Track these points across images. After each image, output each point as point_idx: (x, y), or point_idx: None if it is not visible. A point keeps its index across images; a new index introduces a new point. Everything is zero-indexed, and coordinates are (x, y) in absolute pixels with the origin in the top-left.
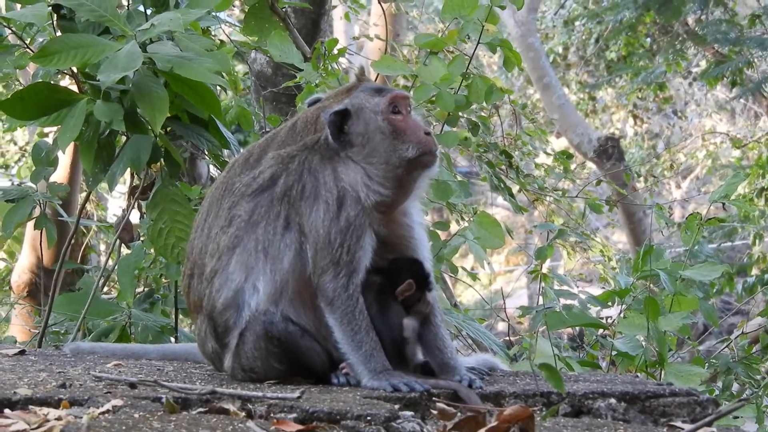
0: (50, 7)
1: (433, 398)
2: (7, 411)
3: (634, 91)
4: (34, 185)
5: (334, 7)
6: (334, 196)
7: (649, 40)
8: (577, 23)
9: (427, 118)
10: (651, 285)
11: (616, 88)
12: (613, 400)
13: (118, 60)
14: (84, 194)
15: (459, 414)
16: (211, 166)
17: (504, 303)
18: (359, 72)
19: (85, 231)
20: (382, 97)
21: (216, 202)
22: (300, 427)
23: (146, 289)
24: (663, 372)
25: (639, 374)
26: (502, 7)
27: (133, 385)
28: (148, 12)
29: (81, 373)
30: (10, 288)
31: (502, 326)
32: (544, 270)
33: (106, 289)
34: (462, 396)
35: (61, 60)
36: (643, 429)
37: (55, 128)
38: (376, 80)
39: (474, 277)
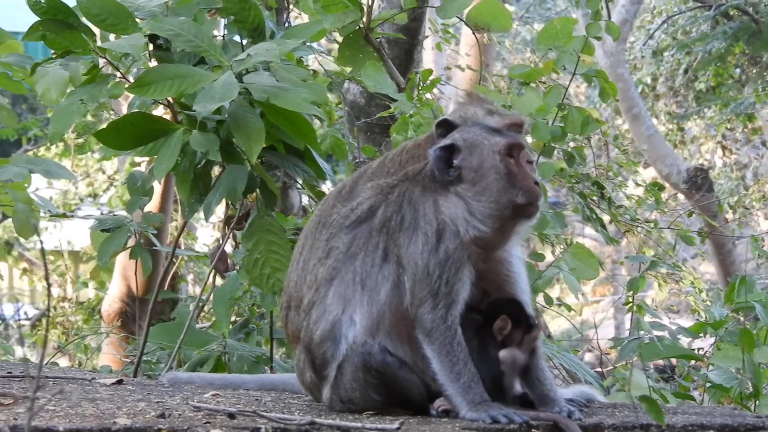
0: (146, 38)
1: (532, 430)
2: None
3: (723, 122)
4: (128, 214)
5: (426, 37)
6: (433, 228)
7: (738, 70)
8: (665, 54)
9: None
10: (743, 317)
11: (705, 119)
12: None
13: (215, 90)
14: (175, 223)
15: None
16: (304, 197)
17: (596, 334)
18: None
19: (174, 260)
20: (503, 138)
21: (311, 235)
22: None
23: (241, 319)
24: (757, 404)
25: (737, 406)
26: (599, 38)
27: (232, 416)
28: (244, 42)
29: (179, 403)
30: (101, 317)
31: (588, 357)
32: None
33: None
34: (562, 427)
35: (157, 90)
36: None
37: (147, 158)
38: None
39: (569, 308)
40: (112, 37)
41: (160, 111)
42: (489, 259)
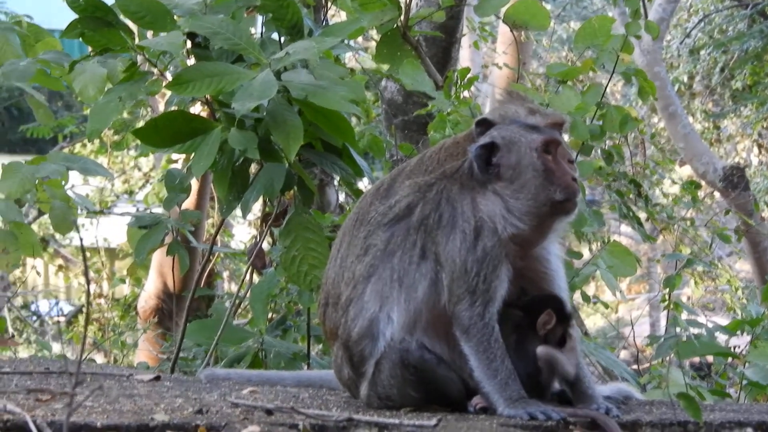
0: (185, 36)
1: (570, 427)
2: None
3: (759, 121)
4: (165, 211)
5: (464, 35)
6: (471, 226)
7: None
8: (702, 52)
9: None
10: None
11: (741, 117)
12: (750, 430)
13: (253, 88)
14: (211, 220)
15: None
16: (341, 194)
17: (633, 331)
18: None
19: (211, 257)
20: (540, 135)
21: (349, 232)
22: None
23: (278, 316)
24: None
25: None
26: (638, 37)
27: (269, 412)
28: (282, 40)
29: (217, 399)
30: (137, 314)
31: (623, 354)
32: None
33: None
34: (600, 424)
35: (195, 88)
36: None
37: (184, 156)
38: None
39: (606, 305)
40: (150, 34)
41: (197, 109)
42: (527, 257)
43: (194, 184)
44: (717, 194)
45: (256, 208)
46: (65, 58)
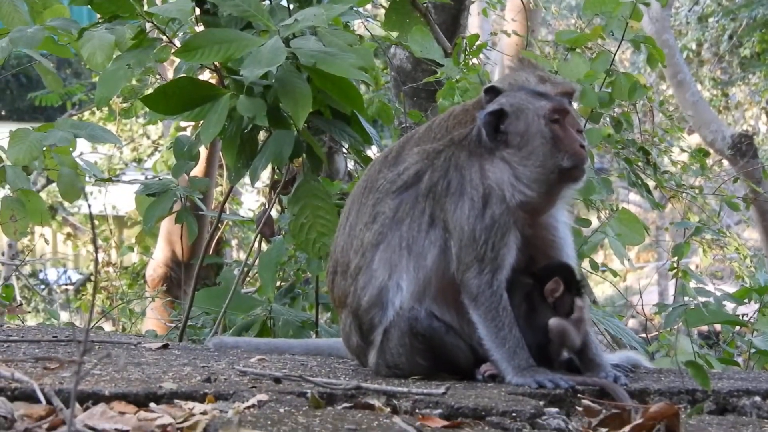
0: (193, 2)
1: (578, 395)
2: (152, 405)
3: (767, 89)
4: (174, 179)
5: (473, 2)
6: (479, 193)
7: None
8: (711, 20)
9: None
10: None
11: (750, 85)
12: (758, 398)
13: (262, 55)
14: (219, 188)
15: (604, 411)
16: (350, 162)
17: (641, 300)
18: (521, 59)
19: (219, 225)
20: (549, 102)
21: (358, 200)
22: (445, 422)
23: (286, 284)
24: None
25: None
26: (647, 4)
27: (278, 380)
28: (291, 7)
29: (225, 368)
30: (145, 282)
31: (632, 323)
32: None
33: (243, 283)
34: (609, 392)
35: (204, 55)
36: None
37: (192, 123)
38: None
39: (615, 273)
40: (158, 1)
41: (206, 76)
42: (535, 224)
43: (203, 151)
44: (725, 162)
45: (265, 175)
46: (74, 25)
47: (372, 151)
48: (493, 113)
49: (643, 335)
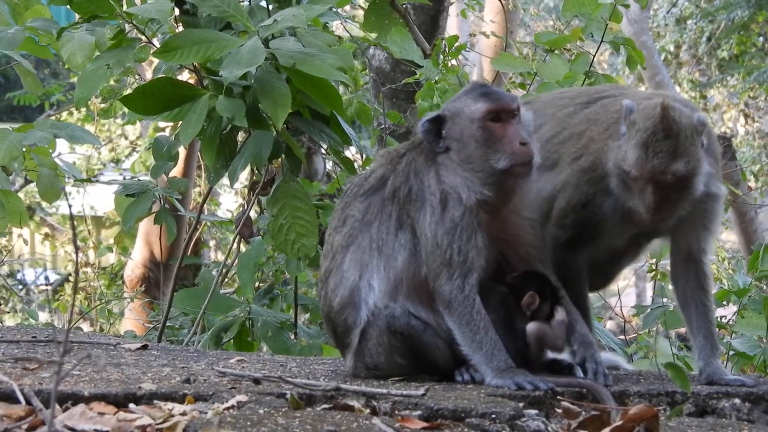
0: (173, 2)
1: (558, 397)
2: (132, 406)
3: (745, 90)
4: (152, 180)
5: (451, 3)
6: (437, 198)
7: (761, 39)
8: (689, 22)
9: None
10: (766, 285)
11: (728, 87)
12: (737, 401)
13: (241, 56)
14: (198, 189)
15: (584, 413)
16: (329, 162)
17: (620, 301)
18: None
19: (198, 226)
20: (484, 104)
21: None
22: (425, 424)
23: (265, 285)
24: None
25: (761, 374)
26: (626, 6)
27: (257, 381)
28: (270, 7)
29: (204, 369)
30: (123, 282)
31: (610, 324)
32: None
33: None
34: (593, 393)
35: (183, 55)
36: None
37: (171, 123)
38: (495, 78)
39: None
40: (138, 1)
41: (185, 76)
42: (499, 222)
43: (182, 152)
44: None
45: (244, 176)
46: (53, 26)
47: (351, 152)
48: (433, 120)
49: (622, 337)
